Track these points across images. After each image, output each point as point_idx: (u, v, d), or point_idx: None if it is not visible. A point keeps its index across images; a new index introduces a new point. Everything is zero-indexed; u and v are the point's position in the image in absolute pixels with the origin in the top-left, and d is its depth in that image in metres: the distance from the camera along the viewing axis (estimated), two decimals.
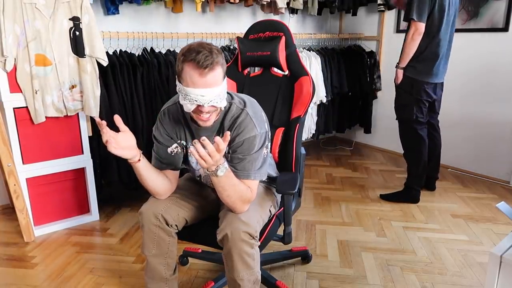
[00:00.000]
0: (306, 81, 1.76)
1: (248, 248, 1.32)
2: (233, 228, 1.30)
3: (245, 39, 1.90)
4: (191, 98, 1.24)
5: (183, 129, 1.45)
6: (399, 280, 1.90)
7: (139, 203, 1.35)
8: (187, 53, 1.22)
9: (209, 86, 1.23)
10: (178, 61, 1.26)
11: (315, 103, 3.44)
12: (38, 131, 2.23)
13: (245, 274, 1.34)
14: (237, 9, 3.37)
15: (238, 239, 1.29)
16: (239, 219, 1.32)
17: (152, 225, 1.41)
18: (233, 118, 1.38)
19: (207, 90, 1.23)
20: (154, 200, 1.46)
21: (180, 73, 1.25)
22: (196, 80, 1.22)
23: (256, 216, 1.39)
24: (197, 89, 1.23)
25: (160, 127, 1.46)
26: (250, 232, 1.31)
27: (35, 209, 2.31)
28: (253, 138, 1.36)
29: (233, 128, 1.37)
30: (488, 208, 2.68)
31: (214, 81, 1.24)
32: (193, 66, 1.21)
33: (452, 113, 3.32)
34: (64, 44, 2.16)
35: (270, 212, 1.55)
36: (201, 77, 1.22)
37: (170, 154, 1.46)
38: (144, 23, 2.92)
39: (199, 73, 1.21)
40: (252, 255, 1.34)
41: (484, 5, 3.03)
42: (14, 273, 1.96)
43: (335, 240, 2.27)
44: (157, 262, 1.47)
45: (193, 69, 1.21)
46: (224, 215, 1.37)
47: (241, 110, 1.38)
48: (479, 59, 3.13)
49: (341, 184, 3.12)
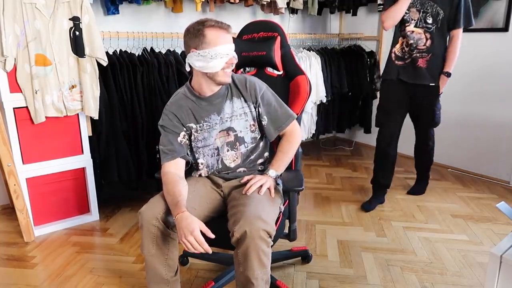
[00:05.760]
0: (303, 80, 1.78)
1: (265, 246, 1.33)
2: (253, 226, 1.30)
3: (239, 40, 1.91)
4: (222, 54, 1.45)
5: (191, 112, 1.58)
6: (399, 280, 1.90)
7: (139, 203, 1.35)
8: (205, 22, 1.46)
9: (231, 42, 1.49)
10: (195, 32, 1.46)
11: (315, 103, 3.44)
12: (38, 131, 2.23)
13: (259, 273, 1.34)
14: (237, 9, 3.37)
15: (257, 236, 1.29)
16: (258, 217, 1.32)
17: (151, 225, 1.41)
18: (242, 83, 1.59)
19: (232, 46, 1.49)
20: (155, 201, 1.46)
21: (203, 39, 1.45)
22: (224, 38, 1.46)
23: (272, 215, 1.42)
24: (227, 44, 1.46)
25: (168, 114, 1.58)
26: (268, 230, 1.32)
27: (35, 209, 2.31)
28: (266, 88, 1.63)
29: (247, 89, 1.59)
30: (488, 208, 2.68)
31: (232, 39, 1.50)
32: (218, 28, 1.46)
33: (452, 113, 3.32)
34: (64, 44, 2.16)
35: (280, 210, 1.56)
36: (227, 34, 1.47)
37: (180, 143, 1.58)
38: (144, 23, 2.92)
39: (225, 32, 1.47)
40: (268, 254, 1.35)
41: (484, 5, 3.03)
42: (14, 273, 1.96)
43: (335, 240, 2.27)
44: (157, 262, 1.46)
45: (219, 30, 1.46)
46: (240, 213, 1.36)
47: (244, 76, 1.62)
48: (479, 59, 3.13)
49: (341, 184, 3.12)
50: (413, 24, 2.41)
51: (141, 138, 2.57)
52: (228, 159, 1.61)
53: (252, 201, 1.40)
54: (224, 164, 1.62)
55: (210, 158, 1.62)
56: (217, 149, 1.61)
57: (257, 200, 1.42)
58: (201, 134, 1.58)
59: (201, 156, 1.61)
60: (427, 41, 2.40)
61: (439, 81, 2.48)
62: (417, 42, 2.41)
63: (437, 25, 2.37)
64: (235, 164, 1.62)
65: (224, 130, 1.59)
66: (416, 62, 2.45)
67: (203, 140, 1.59)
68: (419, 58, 2.44)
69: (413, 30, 2.41)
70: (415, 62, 2.45)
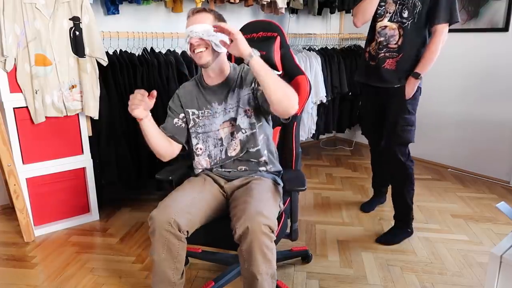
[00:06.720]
0: (303, 80, 1.79)
1: (269, 241, 1.34)
2: (254, 221, 1.31)
3: None
4: (186, 36, 1.51)
5: (196, 98, 1.66)
6: (399, 280, 1.90)
7: (139, 203, 1.36)
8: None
9: (198, 22, 1.50)
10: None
11: (315, 103, 3.44)
12: (38, 131, 2.23)
13: (264, 267, 1.35)
14: (237, 9, 3.37)
15: (259, 231, 1.31)
16: (259, 213, 1.34)
17: (164, 231, 1.40)
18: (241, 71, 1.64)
19: (196, 26, 1.49)
20: (165, 205, 1.46)
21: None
22: (189, 21, 1.53)
23: (273, 211, 1.44)
24: (189, 26, 1.51)
25: (175, 96, 1.70)
26: (270, 225, 1.34)
27: (35, 209, 2.31)
28: None
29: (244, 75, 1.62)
30: (488, 208, 2.68)
31: (201, 19, 1.51)
32: (189, 14, 1.54)
33: (452, 112, 3.32)
34: (64, 44, 2.16)
35: (280, 208, 1.58)
36: (192, 17, 1.52)
37: (175, 125, 1.67)
38: (144, 23, 2.92)
39: (191, 15, 1.53)
40: (272, 249, 1.36)
41: (484, 5, 3.03)
42: (14, 273, 1.96)
43: (335, 240, 2.27)
44: (166, 266, 1.46)
45: (189, 15, 1.54)
46: (242, 210, 1.38)
47: (244, 64, 1.63)
48: (479, 59, 3.13)
49: (341, 184, 3.12)
50: (387, 18, 2.07)
51: (141, 138, 2.55)
52: (230, 148, 1.65)
53: (253, 199, 1.43)
54: (227, 155, 1.65)
55: (213, 148, 1.66)
56: (221, 139, 1.65)
57: (258, 198, 1.44)
58: (202, 121, 1.65)
59: (200, 142, 1.67)
60: (399, 38, 2.05)
61: (406, 83, 2.06)
62: (388, 40, 2.07)
63: (413, 20, 2.01)
64: (235, 153, 1.64)
65: (228, 120, 1.63)
66: (383, 64, 2.10)
67: (203, 126, 1.66)
68: (387, 58, 2.09)
69: (386, 25, 2.07)
70: (382, 63, 2.11)
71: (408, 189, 2.20)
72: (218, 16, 1.56)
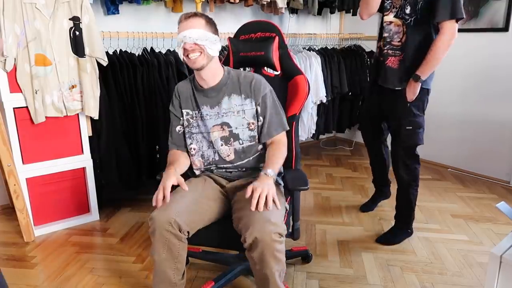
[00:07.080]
0: (302, 80, 1.80)
1: (279, 245, 1.36)
2: (264, 231, 1.32)
3: (236, 40, 1.91)
4: (179, 42, 1.52)
5: (190, 99, 1.68)
6: (399, 280, 1.90)
7: (139, 203, 1.37)
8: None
9: (191, 27, 1.50)
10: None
11: (315, 103, 3.44)
12: (38, 131, 2.23)
13: (276, 266, 1.38)
14: (237, 9, 3.37)
15: (270, 240, 1.32)
16: (268, 221, 1.34)
17: (164, 231, 1.41)
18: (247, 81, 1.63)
19: (189, 31, 1.50)
20: (165, 205, 1.46)
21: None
22: (181, 27, 1.53)
23: (280, 216, 1.45)
24: (182, 32, 1.51)
25: (174, 99, 1.71)
26: (280, 232, 1.35)
27: (35, 209, 2.31)
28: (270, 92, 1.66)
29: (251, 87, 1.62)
30: (488, 208, 2.68)
31: (193, 24, 1.51)
32: (181, 19, 1.54)
33: (452, 112, 3.32)
34: (64, 44, 2.16)
35: (286, 208, 1.59)
36: (185, 21, 1.52)
37: (178, 133, 1.70)
38: (144, 23, 2.92)
39: (183, 20, 1.53)
40: (282, 250, 1.39)
41: (484, 5, 3.03)
42: (14, 273, 1.96)
43: (335, 240, 2.27)
44: (167, 266, 1.46)
45: (181, 21, 1.54)
46: (248, 218, 1.38)
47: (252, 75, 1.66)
48: (479, 59, 3.13)
49: (341, 184, 3.12)
50: (393, 13, 1.98)
51: (141, 138, 2.56)
52: (223, 153, 1.66)
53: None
54: (221, 157, 1.67)
55: (207, 149, 1.68)
56: (212, 142, 1.66)
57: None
58: (196, 121, 1.67)
59: (194, 142, 1.68)
60: (403, 36, 1.95)
61: (406, 86, 1.99)
62: (392, 37, 2.00)
63: (416, 17, 1.90)
64: (229, 159, 1.66)
65: (219, 124, 1.64)
66: (386, 60, 2.04)
67: (197, 127, 1.67)
68: (390, 56, 2.03)
69: (391, 21, 1.99)
70: (385, 60, 2.04)
71: (413, 190, 2.19)
72: (209, 20, 1.57)
